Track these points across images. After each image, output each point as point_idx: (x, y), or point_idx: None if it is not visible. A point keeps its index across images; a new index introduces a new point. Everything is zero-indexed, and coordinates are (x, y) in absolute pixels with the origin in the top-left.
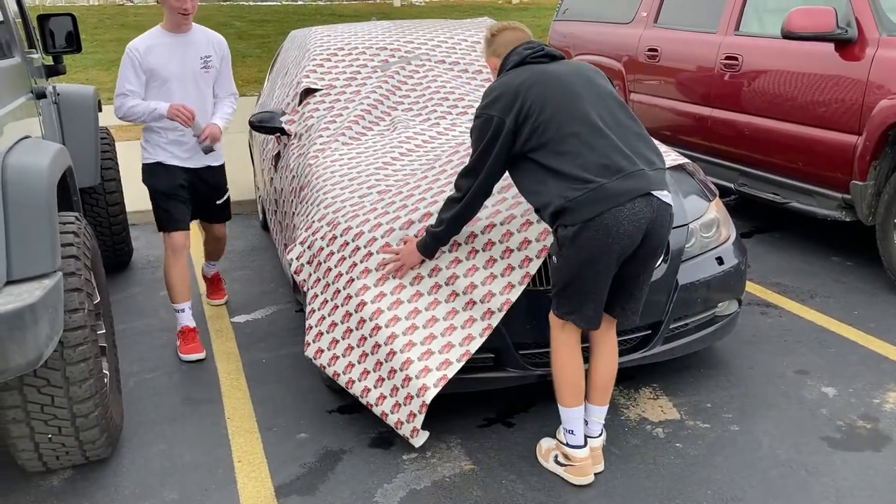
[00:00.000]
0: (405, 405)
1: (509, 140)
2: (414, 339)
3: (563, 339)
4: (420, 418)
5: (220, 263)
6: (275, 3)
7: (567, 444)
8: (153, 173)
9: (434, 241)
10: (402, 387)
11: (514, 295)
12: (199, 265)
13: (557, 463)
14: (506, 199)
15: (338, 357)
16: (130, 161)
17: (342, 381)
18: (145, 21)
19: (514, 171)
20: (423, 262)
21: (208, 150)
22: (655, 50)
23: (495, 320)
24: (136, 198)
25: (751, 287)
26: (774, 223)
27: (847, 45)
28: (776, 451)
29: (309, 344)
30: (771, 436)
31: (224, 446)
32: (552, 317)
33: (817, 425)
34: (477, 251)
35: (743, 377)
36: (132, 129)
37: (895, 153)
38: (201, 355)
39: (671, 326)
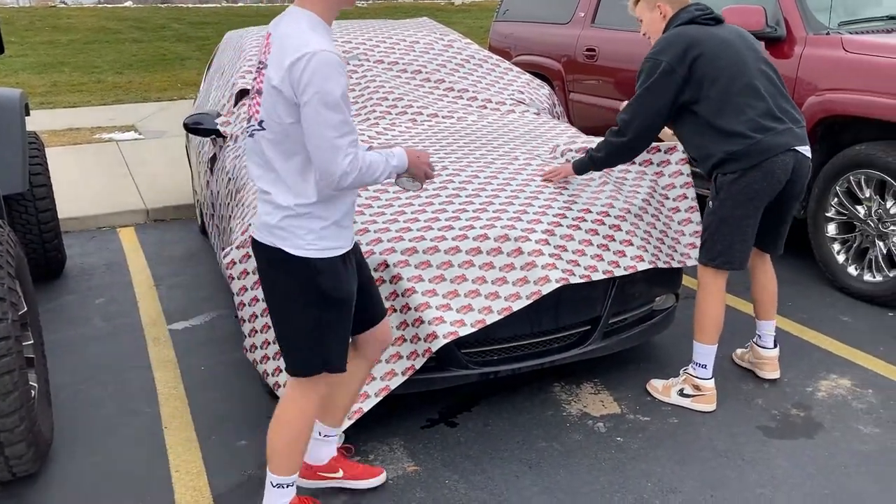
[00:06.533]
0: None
1: (677, 86)
2: None
3: (713, 284)
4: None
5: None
6: (215, 6)
7: (698, 377)
8: (335, 273)
9: (590, 164)
10: None
11: (463, 332)
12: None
13: (682, 395)
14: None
15: (269, 358)
16: (62, 167)
17: (270, 381)
18: (78, 23)
19: (678, 124)
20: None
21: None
22: (593, 50)
23: (436, 346)
24: (69, 204)
25: (687, 281)
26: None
27: (777, 43)
28: (714, 441)
29: (245, 336)
30: (709, 427)
31: (161, 456)
32: (701, 268)
33: (753, 415)
34: (444, 279)
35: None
36: (65, 134)
37: (824, 148)
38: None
39: (610, 322)
